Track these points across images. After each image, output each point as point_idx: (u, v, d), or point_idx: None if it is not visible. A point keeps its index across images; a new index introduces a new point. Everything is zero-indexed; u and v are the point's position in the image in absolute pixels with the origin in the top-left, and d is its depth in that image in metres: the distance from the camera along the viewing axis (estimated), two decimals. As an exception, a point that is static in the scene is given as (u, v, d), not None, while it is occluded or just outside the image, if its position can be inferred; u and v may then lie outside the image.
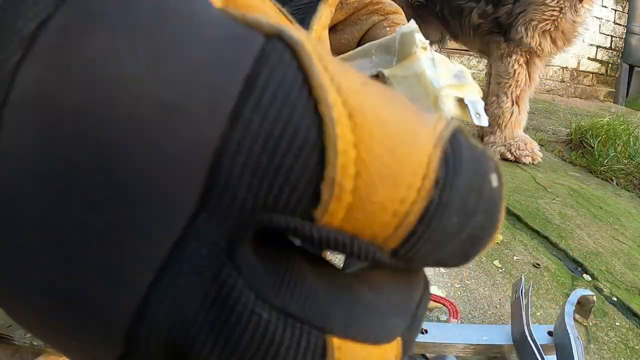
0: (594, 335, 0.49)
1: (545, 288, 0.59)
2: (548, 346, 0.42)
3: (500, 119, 1.20)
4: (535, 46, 1.09)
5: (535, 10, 1.05)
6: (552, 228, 0.78)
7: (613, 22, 3.43)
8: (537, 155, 1.17)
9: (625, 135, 1.30)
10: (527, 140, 1.19)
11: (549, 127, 1.78)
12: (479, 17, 1.18)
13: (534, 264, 0.65)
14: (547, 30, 1.07)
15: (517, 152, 1.17)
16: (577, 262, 0.67)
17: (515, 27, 1.09)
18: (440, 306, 0.52)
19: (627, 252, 0.70)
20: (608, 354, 0.47)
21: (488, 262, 0.64)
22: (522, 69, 1.14)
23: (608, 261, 0.67)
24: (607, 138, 1.31)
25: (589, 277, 0.63)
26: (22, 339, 0.39)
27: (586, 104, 2.94)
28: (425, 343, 0.41)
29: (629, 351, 0.47)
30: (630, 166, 1.13)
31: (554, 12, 1.04)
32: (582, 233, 0.76)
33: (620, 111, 2.42)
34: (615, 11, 3.40)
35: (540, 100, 2.72)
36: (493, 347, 0.42)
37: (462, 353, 0.42)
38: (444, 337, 0.42)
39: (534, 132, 1.60)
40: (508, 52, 1.14)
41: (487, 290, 0.57)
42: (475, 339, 0.42)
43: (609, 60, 3.53)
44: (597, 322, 0.52)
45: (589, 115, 2.00)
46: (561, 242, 0.73)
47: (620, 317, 0.53)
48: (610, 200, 0.95)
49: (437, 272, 0.61)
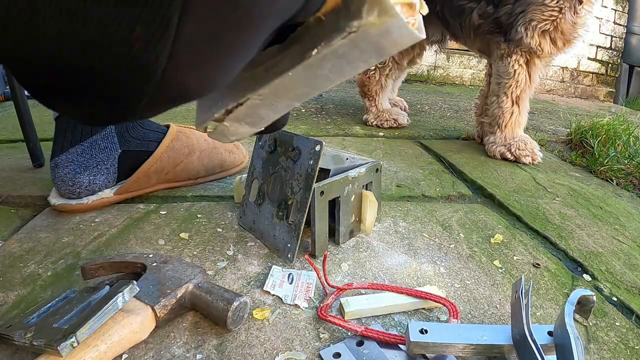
0: (594, 335, 0.49)
1: (545, 288, 0.59)
2: (548, 346, 0.42)
3: (500, 119, 1.20)
4: (535, 46, 1.09)
5: (535, 10, 1.05)
6: (552, 228, 0.78)
7: (613, 22, 3.42)
8: (537, 155, 1.17)
9: (625, 135, 1.30)
10: (527, 140, 1.19)
11: (549, 127, 1.78)
12: (479, 17, 1.18)
13: (534, 264, 0.65)
14: (546, 30, 1.07)
15: (517, 152, 1.17)
16: (577, 262, 0.67)
17: (515, 27, 1.09)
18: (440, 306, 0.52)
19: (627, 252, 0.70)
20: (608, 354, 0.47)
21: (488, 262, 0.64)
22: (522, 69, 1.14)
23: (608, 261, 0.67)
24: (607, 138, 1.31)
25: (589, 277, 0.63)
26: (22, 339, 0.39)
27: (586, 104, 2.94)
28: (425, 343, 0.41)
29: (629, 351, 0.47)
30: (630, 166, 1.13)
31: (554, 13, 1.04)
32: (582, 233, 0.76)
33: (620, 111, 2.41)
34: (615, 11, 3.40)
35: (540, 100, 2.72)
36: (493, 347, 0.42)
37: (462, 353, 0.42)
38: (444, 337, 0.42)
39: (534, 132, 1.60)
40: (508, 52, 1.14)
41: (487, 290, 0.57)
42: (475, 339, 0.42)
43: (609, 60, 3.52)
44: (597, 322, 0.52)
45: (589, 115, 2.00)
46: (561, 242, 0.73)
47: (620, 317, 0.53)
48: (610, 200, 0.95)
49: (437, 272, 0.61)
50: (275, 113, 0.30)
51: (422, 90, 2.68)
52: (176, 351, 0.44)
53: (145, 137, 0.78)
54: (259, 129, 0.32)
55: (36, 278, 0.55)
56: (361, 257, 0.63)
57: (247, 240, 0.66)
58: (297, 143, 0.61)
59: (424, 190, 0.93)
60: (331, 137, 1.33)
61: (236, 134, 0.31)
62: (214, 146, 0.89)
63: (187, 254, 0.62)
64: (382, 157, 1.14)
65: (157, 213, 0.74)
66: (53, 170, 0.72)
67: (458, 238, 0.72)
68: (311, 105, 1.86)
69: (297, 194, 0.60)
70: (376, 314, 0.50)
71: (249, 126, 0.31)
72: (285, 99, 0.28)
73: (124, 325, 0.42)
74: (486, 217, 0.81)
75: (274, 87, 0.27)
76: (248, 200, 0.69)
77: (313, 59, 0.24)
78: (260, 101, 0.28)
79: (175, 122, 0.90)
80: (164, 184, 0.83)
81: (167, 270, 0.50)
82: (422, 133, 1.47)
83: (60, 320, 0.41)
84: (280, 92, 0.27)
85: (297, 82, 0.26)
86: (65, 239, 0.65)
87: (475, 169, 1.09)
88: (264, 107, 0.29)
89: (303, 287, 0.55)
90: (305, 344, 0.46)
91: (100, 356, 0.39)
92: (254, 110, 0.29)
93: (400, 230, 0.73)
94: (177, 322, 0.48)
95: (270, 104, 0.28)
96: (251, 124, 0.30)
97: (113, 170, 0.75)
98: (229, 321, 0.45)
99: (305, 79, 0.26)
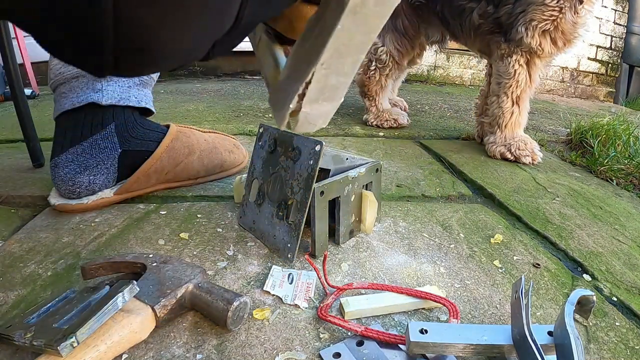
0: (594, 335, 0.49)
1: (545, 288, 0.59)
2: (548, 346, 0.42)
3: (500, 119, 1.20)
4: (536, 46, 1.09)
5: (535, 10, 1.05)
6: (552, 228, 0.78)
7: (613, 22, 3.42)
8: (537, 155, 1.17)
9: (625, 135, 1.30)
10: (527, 140, 1.19)
11: (549, 127, 1.78)
12: (479, 17, 1.18)
13: (534, 264, 0.65)
14: (547, 30, 1.06)
15: (517, 152, 1.17)
16: (577, 262, 0.67)
17: (516, 27, 1.09)
18: (440, 306, 0.52)
19: (627, 252, 0.70)
20: (608, 354, 0.47)
21: (488, 262, 0.64)
22: (522, 69, 1.14)
23: (608, 261, 0.67)
24: (607, 138, 1.31)
25: (589, 277, 0.63)
26: (22, 339, 0.39)
27: (586, 104, 2.94)
28: (425, 343, 0.41)
29: (629, 351, 0.47)
30: (630, 166, 1.13)
31: (554, 13, 1.04)
32: (582, 233, 0.76)
33: (620, 111, 2.41)
34: (615, 11, 3.40)
35: (540, 100, 2.72)
36: (493, 347, 0.42)
37: (462, 353, 0.42)
38: (444, 337, 0.42)
39: (534, 132, 1.60)
40: (508, 52, 1.14)
41: (487, 290, 0.57)
42: (475, 339, 0.42)
43: (609, 60, 3.52)
44: (597, 322, 0.52)
45: (589, 115, 2.00)
46: (561, 242, 0.73)
47: (620, 317, 0.53)
48: (610, 200, 0.95)
49: (437, 272, 0.61)
50: (346, 76, 0.29)
51: (422, 90, 2.68)
52: (176, 351, 0.44)
53: (145, 136, 0.78)
54: (340, 100, 0.31)
55: (36, 278, 0.55)
56: (361, 257, 0.63)
57: (247, 240, 0.66)
58: (297, 143, 0.61)
59: (424, 190, 0.93)
60: (331, 137, 1.33)
61: (320, 115, 0.30)
62: (214, 146, 0.89)
63: (187, 254, 0.62)
64: (382, 157, 1.14)
65: (157, 213, 0.74)
66: (53, 170, 0.72)
67: (458, 238, 0.72)
68: (311, 105, 1.85)
69: (297, 194, 0.60)
70: (376, 314, 0.50)
71: (329, 102, 0.30)
72: (348, 57, 0.27)
73: (124, 325, 0.42)
74: (486, 217, 0.81)
75: (333, 48, 0.26)
76: (248, 200, 0.69)
77: (352, 1, 0.23)
78: (326, 70, 0.27)
79: (176, 122, 0.90)
80: (164, 184, 0.83)
81: (167, 270, 0.50)
82: (422, 133, 1.47)
83: (60, 320, 0.41)
84: (341, 50, 0.26)
85: (350, 32, 0.25)
86: (65, 239, 0.65)
87: (475, 169, 1.09)
88: (333, 75, 0.28)
89: (303, 287, 0.55)
90: (305, 344, 0.46)
91: (100, 356, 0.39)
92: (324, 82, 0.28)
93: (400, 230, 0.73)
94: (177, 322, 0.48)
95: (337, 68, 0.28)
96: (329, 98, 0.29)
97: (113, 170, 0.75)
98: (229, 321, 0.45)
99: (357, 25, 0.25)
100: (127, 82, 0.75)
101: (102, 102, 0.71)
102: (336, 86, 0.29)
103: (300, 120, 0.30)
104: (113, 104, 0.73)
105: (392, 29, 1.42)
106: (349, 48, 0.27)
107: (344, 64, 0.28)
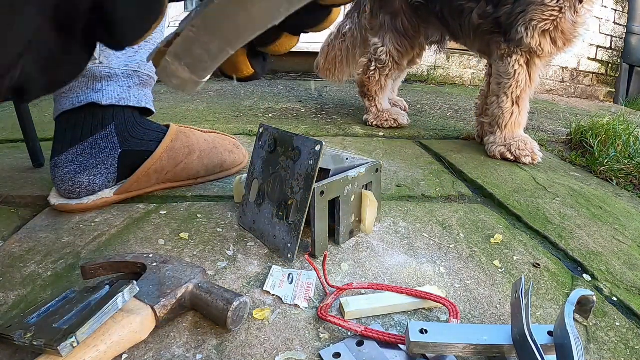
0: (594, 335, 0.49)
1: (545, 288, 0.59)
2: (548, 346, 0.42)
3: (500, 119, 1.20)
4: (536, 46, 1.09)
5: (535, 10, 1.05)
6: (552, 228, 0.78)
7: (613, 22, 3.42)
8: (537, 155, 1.17)
9: (625, 135, 1.30)
10: (527, 140, 1.19)
11: (549, 127, 1.78)
12: (479, 17, 1.18)
13: (534, 264, 0.65)
14: (547, 30, 1.06)
15: (517, 152, 1.17)
16: (577, 262, 0.67)
17: (515, 27, 1.09)
18: (440, 306, 0.52)
19: (627, 252, 0.70)
20: (608, 354, 0.47)
21: (488, 262, 0.64)
22: (522, 70, 1.14)
23: (608, 261, 0.67)
24: (607, 138, 1.31)
25: (589, 277, 0.63)
26: (22, 339, 0.39)
27: (586, 104, 2.94)
28: (425, 343, 0.41)
29: (629, 351, 0.47)
30: (630, 166, 1.13)
31: (554, 12, 1.04)
32: (582, 233, 0.76)
33: (620, 111, 2.41)
34: (615, 11, 3.40)
35: (540, 100, 2.72)
36: (493, 347, 0.42)
37: (462, 353, 0.42)
38: (444, 337, 0.42)
39: (534, 132, 1.60)
40: (508, 52, 1.14)
41: (487, 290, 0.57)
42: (475, 339, 0.42)
43: (609, 60, 3.52)
44: (597, 322, 0.52)
45: (589, 115, 2.00)
46: (561, 242, 0.73)
47: (620, 317, 0.53)
48: (610, 200, 0.95)
49: (437, 272, 0.61)
50: (211, 58, 0.29)
51: (422, 90, 2.68)
52: (176, 351, 0.44)
53: (145, 136, 0.78)
54: (200, 78, 0.31)
55: (36, 278, 0.55)
56: (361, 257, 0.63)
57: (247, 240, 0.66)
58: (297, 143, 0.62)
59: (424, 190, 0.93)
60: (331, 137, 1.33)
61: (177, 76, 0.31)
62: (214, 146, 0.89)
63: (187, 254, 0.62)
64: (382, 157, 1.14)
65: (157, 213, 0.74)
66: (53, 170, 0.72)
67: (458, 238, 0.72)
68: (311, 105, 1.86)
69: (297, 194, 0.60)
70: (376, 314, 0.50)
71: (189, 70, 0.30)
72: (215, 39, 0.28)
73: (124, 325, 0.42)
74: (486, 217, 0.81)
75: (204, 18, 0.27)
76: (248, 200, 0.69)
77: None
78: (193, 34, 0.28)
79: (176, 122, 0.90)
80: (164, 184, 0.83)
81: (167, 270, 0.50)
82: (422, 133, 1.47)
83: (60, 320, 0.41)
84: (209, 25, 0.27)
85: (223, 14, 0.26)
86: (65, 239, 0.65)
87: (475, 169, 1.09)
88: (197, 45, 0.29)
89: (303, 287, 0.55)
90: (305, 344, 0.46)
91: (100, 356, 0.39)
92: (189, 44, 0.29)
93: (400, 230, 0.73)
94: (177, 322, 0.48)
95: (204, 41, 0.28)
96: (191, 66, 0.30)
97: (113, 170, 0.75)
98: (229, 321, 0.45)
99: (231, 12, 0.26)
100: (127, 82, 0.75)
101: (102, 102, 0.71)
102: (199, 59, 0.30)
103: (161, 66, 0.31)
104: (113, 104, 0.73)
105: (392, 29, 1.42)
106: (218, 30, 0.28)
107: (210, 43, 0.28)
